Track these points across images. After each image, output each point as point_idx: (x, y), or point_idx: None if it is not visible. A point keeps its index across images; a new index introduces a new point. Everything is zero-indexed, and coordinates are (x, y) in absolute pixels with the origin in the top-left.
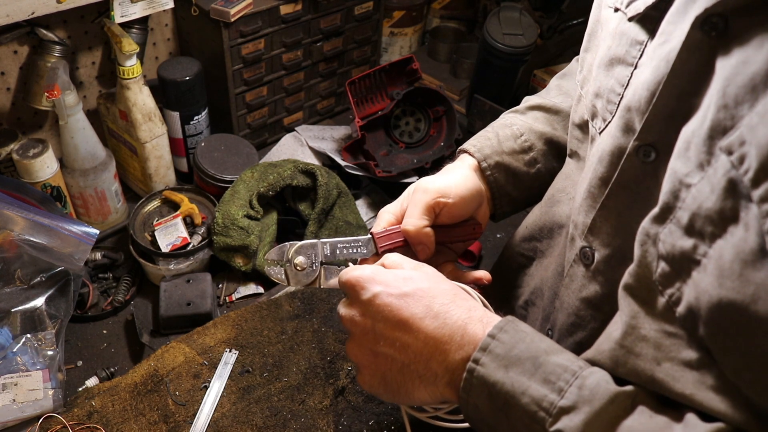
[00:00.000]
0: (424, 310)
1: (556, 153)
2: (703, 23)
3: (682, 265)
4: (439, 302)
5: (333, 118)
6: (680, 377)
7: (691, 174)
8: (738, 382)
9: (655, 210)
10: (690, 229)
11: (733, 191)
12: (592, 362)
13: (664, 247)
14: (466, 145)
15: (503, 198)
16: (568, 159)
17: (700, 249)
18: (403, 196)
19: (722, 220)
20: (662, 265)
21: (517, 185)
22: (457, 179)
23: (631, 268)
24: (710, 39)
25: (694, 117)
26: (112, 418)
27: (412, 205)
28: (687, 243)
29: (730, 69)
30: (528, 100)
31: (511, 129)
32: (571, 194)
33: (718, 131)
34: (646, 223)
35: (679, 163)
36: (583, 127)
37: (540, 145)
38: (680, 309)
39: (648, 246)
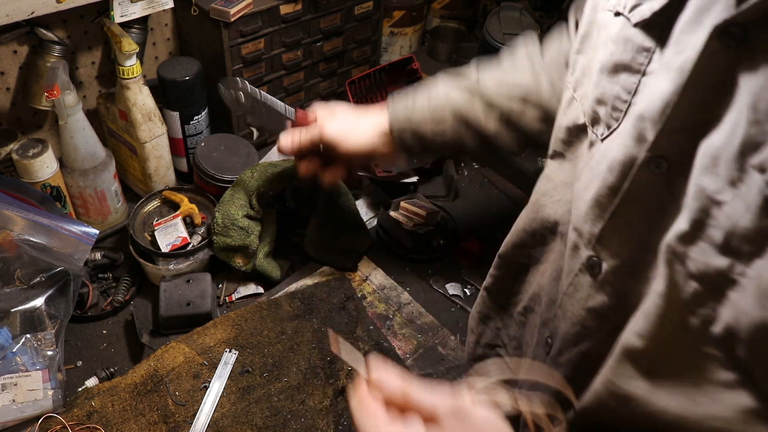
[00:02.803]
0: None
1: (466, 130)
2: (721, 34)
3: (717, 284)
4: None
5: None
6: (719, 399)
7: (723, 191)
8: None
9: (683, 227)
10: (725, 248)
11: None
12: (615, 391)
13: (696, 266)
14: (390, 100)
15: (406, 149)
16: (549, 160)
17: (737, 268)
18: (326, 110)
19: (761, 239)
20: (693, 285)
21: (421, 144)
22: (354, 133)
23: (660, 288)
24: (728, 49)
25: (718, 130)
26: (112, 418)
27: (310, 133)
28: (722, 262)
29: (759, 84)
30: (467, 73)
31: (429, 101)
32: (555, 197)
33: (750, 147)
34: (672, 240)
35: (708, 180)
36: (573, 130)
37: (452, 121)
38: (716, 329)
39: (676, 265)
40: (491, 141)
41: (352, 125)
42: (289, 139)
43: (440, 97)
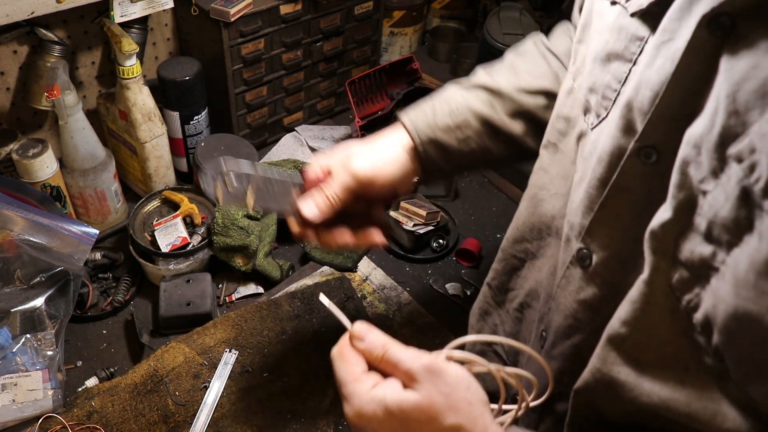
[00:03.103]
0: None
1: (491, 133)
2: (710, 22)
3: (701, 271)
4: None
5: (333, 118)
6: (704, 384)
7: (706, 180)
8: (751, 393)
9: (668, 215)
10: (709, 236)
11: (747, 200)
12: (601, 378)
13: (683, 254)
14: (403, 116)
15: (433, 170)
16: (542, 151)
17: (719, 256)
18: (335, 156)
19: (738, 228)
20: (680, 271)
21: (447, 159)
22: (387, 164)
23: (645, 275)
24: (715, 38)
25: (699, 119)
26: (112, 418)
27: (338, 185)
28: (706, 249)
29: (740, 73)
30: (476, 74)
31: (449, 105)
32: (552, 190)
33: (728, 138)
34: (657, 228)
35: (693, 169)
36: (570, 119)
37: (475, 125)
38: (698, 315)
39: (660, 251)
40: (518, 144)
41: (379, 154)
42: (313, 204)
43: (459, 103)
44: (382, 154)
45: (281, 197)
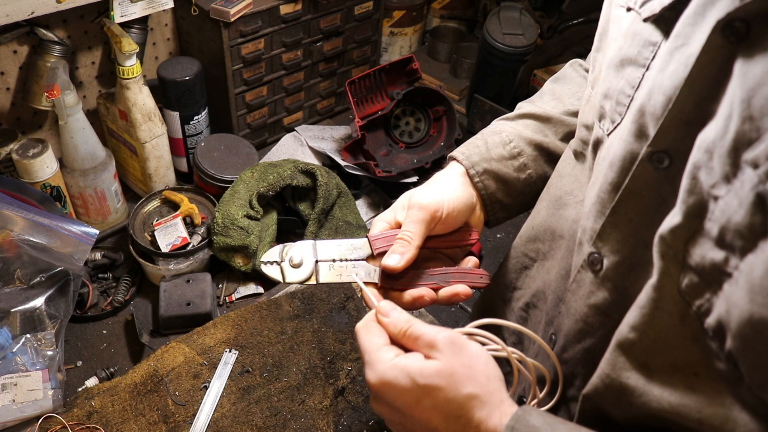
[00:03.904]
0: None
1: (547, 159)
2: (724, 28)
3: (713, 276)
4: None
5: (333, 118)
6: (716, 389)
7: (718, 186)
8: (766, 399)
9: (677, 220)
10: (721, 242)
11: (762, 206)
12: (610, 384)
13: (693, 259)
14: (454, 153)
15: (494, 204)
16: (574, 161)
17: (732, 262)
18: (396, 206)
19: (752, 234)
20: (690, 276)
21: (508, 192)
22: (448, 190)
23: (653, 280)
24: (729, 44)
25: (712, 124)
26: (112, 418)
27: (409, 222)
28: (718, 255)
29: (755, 79)
30: (520, 108)
31: (500, 136)
32: (579, 197)
33: (743, 143)
34: (666, 233)
35: (704, 174)
36: (590, 127)
37: (530, 151)
38: (709, 320)
39: (669, 256)
40: None
41: (439, 186)
42: (392, 253)
43: (509, 133)
44: (442, 185)
45: (351, 264)
